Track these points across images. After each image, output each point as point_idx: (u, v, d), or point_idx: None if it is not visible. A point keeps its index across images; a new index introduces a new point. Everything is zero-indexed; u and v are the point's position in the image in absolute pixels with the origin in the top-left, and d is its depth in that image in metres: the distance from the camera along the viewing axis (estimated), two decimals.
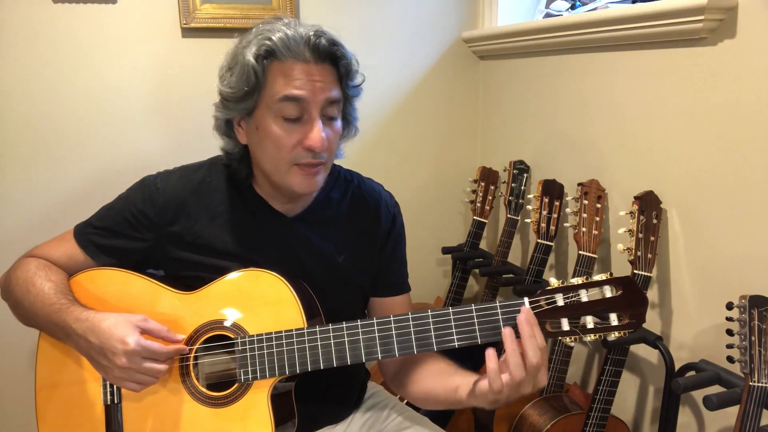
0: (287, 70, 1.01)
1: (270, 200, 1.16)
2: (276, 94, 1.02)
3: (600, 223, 1.54)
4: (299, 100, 1.02)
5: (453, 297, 2.02)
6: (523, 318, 0.90)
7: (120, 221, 1.14)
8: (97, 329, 0.99)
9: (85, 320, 1.01)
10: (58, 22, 1.65)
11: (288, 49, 1.01)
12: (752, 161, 1.25)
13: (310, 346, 1.01)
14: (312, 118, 1.03)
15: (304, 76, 1.01)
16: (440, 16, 2.05)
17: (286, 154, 1.04)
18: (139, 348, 0.97)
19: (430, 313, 0.97)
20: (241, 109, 1.06)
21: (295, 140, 1.03)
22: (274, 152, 1.05)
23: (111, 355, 0.97)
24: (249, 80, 1.01)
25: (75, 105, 1.70)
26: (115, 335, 0.97)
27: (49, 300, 1.06)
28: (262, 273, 1.07)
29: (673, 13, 1.31)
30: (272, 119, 1.03)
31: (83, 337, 1.00)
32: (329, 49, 1.03)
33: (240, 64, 1.02)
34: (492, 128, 2.14)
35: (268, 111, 1.03)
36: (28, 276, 1.10)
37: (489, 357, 0.91)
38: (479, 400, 0.97)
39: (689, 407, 1.44)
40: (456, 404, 1.05)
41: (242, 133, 1.10)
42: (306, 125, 1.03)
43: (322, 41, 1.02)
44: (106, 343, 0.97)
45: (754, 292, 1.13)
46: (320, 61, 1.03)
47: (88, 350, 1.01)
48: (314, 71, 1.02)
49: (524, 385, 0.91)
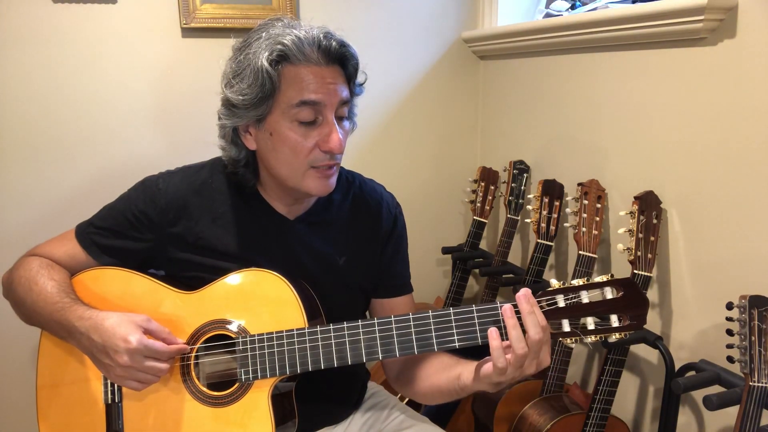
0: (302, 75, 1.01)
1: (272, 202, 1.16)
2: (292, 99, 1.01)
3: (600, 223, 1.54)
4: (316, 104, 1.01)
5: (453, 297, 2.02)
6: (521, 295, 0.91)
7: (121, 221, 1.14)
8: (100, 327, 0.99)
9: (88, 318, 1.01)
10: (58, 22, 1.65)
11: (301, 53, 1.00)
12: (752, 161, 1.25)
13: (311, 346, 1.01)
14: (328, 121, 1.03)
15: (319, 80, 1.01)
16: (440, 16, 2.05)
17: (303, 158, 1.04)
18: (141, 347, 0.97)
19: (431, 314, 0.97)
20: (252, 116, 1.04)
21: (312, 144, 1.03)
22: (291, 157, 1.04)
23: (113, 354, 0.97)
24: (264, 86, 1.00)
25: (75, 105, 1.70)
26: (117, 334, 0.98)
27: (51, 299, 1.06)
28: (264, 273, 1.07)
29: (673, 13, 1.31)
30: (288, 124, 1.03)
31: (86, 335, 1.00)
32: (339, 51, 1.03)
33: (252, 70, 1.00)
34: (492, 128, 2.14)
35: (283, 116, 1.02)
36: (31, 275, 1.10)
37: (492, 336, 0.92)
38: (483, 382, 0.97)
39: (689, 407, 1.44)
40: (460, 392, 1.05)
41: (251, 139, 1.08)
42: (322, 128, 1.03)
43: (333, 43, 1.02)
44: (108, 341, 0.98)
45: (754, 292, 1.13)
46: (330, 63, 1.03)
47: (91, 348, 1.01)
48: (326, 74, 1.02)
49: (527, 363, 0.92)
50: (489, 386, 0.98)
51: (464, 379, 1.02)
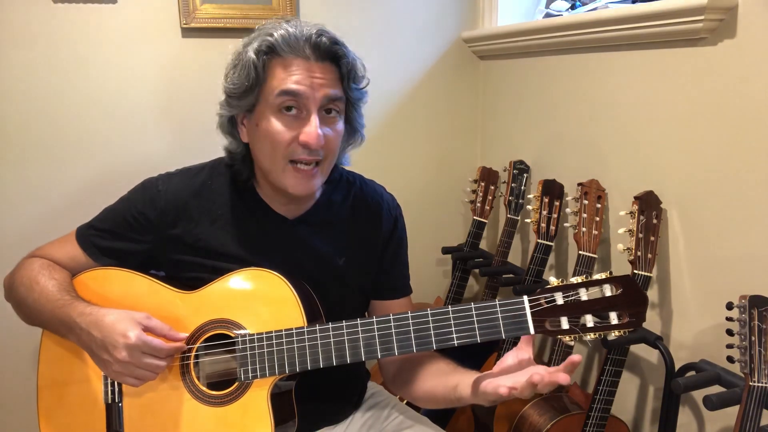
0: (287, 66, 1.02)
1: (271, 203, 1.16)
2: (275, 88, 1.02)
3: (600, 223, 1.54)
4: (297, 95, 1.02)
5: (453, 297, 2.02)
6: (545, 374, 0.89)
7: (121, 223, 1.14)
8: (100, 323, 1.00)
9: (89, 314, 1.02)
10: (58, 22, 1.65)
11: (288, 46, 1.02)
12: (752, 161, 1.25)
13: (310, 345, 1.01)
14: (309, 114, 1.03)
15: (304, 72, 1.02)
16: (440, 16, 2.05)
17: (282, 149, 1.04)
18: (140, 343, 0.97)
19: (430, 312, 0.97)
20: (242, 106, 1.06)
21: (291, 136, 1.04)
22: (270, 148, 1.05)
23: (112, 349, 0.97)
24: (249, 75, 1.02)
25: (75, 105, 1.70)
26: (117, 329, 0.98)
27: (53, 296, 1.07)
28: (264, 272, 1.07)
29: (673, 13, 1.31)
30: (271, 114, 1.04)
31: (86, 330, 1.00)
32: (330, 48, 1.04)
33: (242, 61, 1.03)
34: (492, 128, 2.14)
35: (267, 107, 1.04)
36: (32, 275, 1.11)
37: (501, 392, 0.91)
38: (479, 399, 0.98)
39: (689, 407, 1.44)
40: (455, 402, 1.05)
41: (244, 131, 1.11)
42: (303, 121, 1.04)
43: (323, 39, 1.03)
44: (108, 337, 0.98)
45: (754, 292, 1.13)
46: (321, 59, 1.04)
47: (90, 344, 1.01)
48: (315, 68, 1.03)
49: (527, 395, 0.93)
50: (485, 403, 0.98)
51: (461, 391, 1.02)
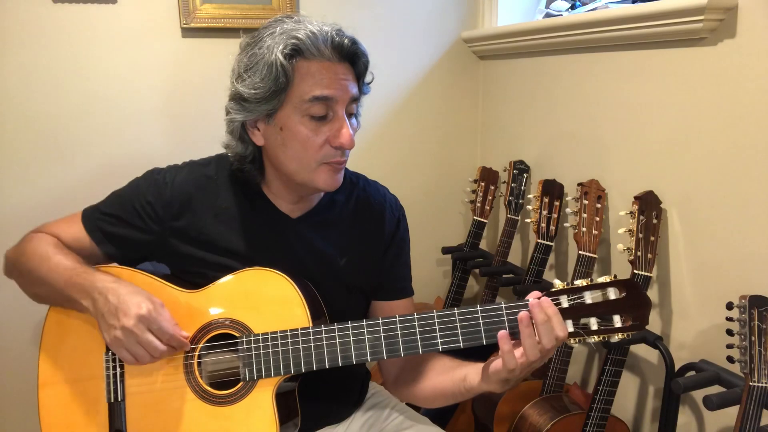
0: (314, 70, 1.02)
1: (275, 200, 1.16)
2: (305, 94, 1.01)
3: (600, 223, 1.54)
4: (328, 99, 1.02)
5: (453, 297, 2.02)
6: (534, 303, 0.92)
7: (128, 209, 1.14)
8: (119, 291, 1.01)
9: (111, 282, 1.03)
10: (58, 22, 1.64)
11: (316, 48, 1.01)
12: (752, 161, 1.25)
13: (315, 346, 1.01)
14: (339, 116, 1.04)
15: (332, 75, 1.02)
16: (440, 16, 2.06)
17: (314, 153, 1.04)
18: (150, 317, 0.98)
19: (436, 314, 0.97)
20: (263, 110, 1.04)
21: (323, 139, 1.04)
22: (301, 152, 1.05)
23: (122, 315, 0.98)
24: (278, 79, 1.00)
25: (75, 105, 1.70)
26: (133, 300, 0.99)
27: (71, 265, 1.07)
28: (268, 272, 1.07)
29: (673, 13, 1.32)
30: (299, 119, 1.03)
31: (103, 294, 1.01)
32: (350, 48, 1.04)
33: (265, 63, 1.00)
34: (492, 128, 2.14)
35: (295, 111, 1.03)
36: (49, 248, 1.11)
37: (502, 340, 0.93)
38: (491, 382, 0.98)
39: (689, 407, 1.44)
40: (465, 393, 1.06)
41: (259, 134, 1.08)
42: (333, 123, 1.04)
43: (345, 40, 1.03)
44: (123, 304, 0.99)
45: (754, 292, 1.13)
46: (342, 59, 1.04)
47: (102, 308, 1.01)
48: (338, 70, 1.03)
49: (537, 364, 0.94)
50: (497, 385, 0.99)
51: (471, 381, 1.03)
